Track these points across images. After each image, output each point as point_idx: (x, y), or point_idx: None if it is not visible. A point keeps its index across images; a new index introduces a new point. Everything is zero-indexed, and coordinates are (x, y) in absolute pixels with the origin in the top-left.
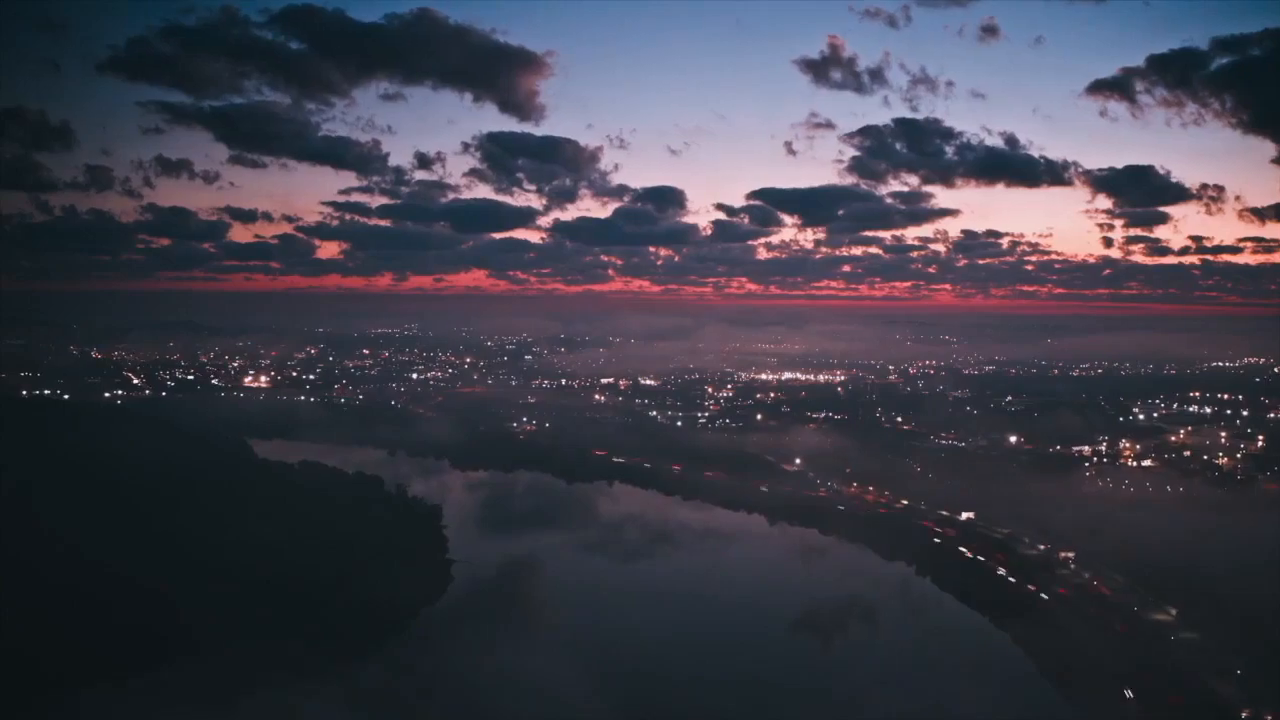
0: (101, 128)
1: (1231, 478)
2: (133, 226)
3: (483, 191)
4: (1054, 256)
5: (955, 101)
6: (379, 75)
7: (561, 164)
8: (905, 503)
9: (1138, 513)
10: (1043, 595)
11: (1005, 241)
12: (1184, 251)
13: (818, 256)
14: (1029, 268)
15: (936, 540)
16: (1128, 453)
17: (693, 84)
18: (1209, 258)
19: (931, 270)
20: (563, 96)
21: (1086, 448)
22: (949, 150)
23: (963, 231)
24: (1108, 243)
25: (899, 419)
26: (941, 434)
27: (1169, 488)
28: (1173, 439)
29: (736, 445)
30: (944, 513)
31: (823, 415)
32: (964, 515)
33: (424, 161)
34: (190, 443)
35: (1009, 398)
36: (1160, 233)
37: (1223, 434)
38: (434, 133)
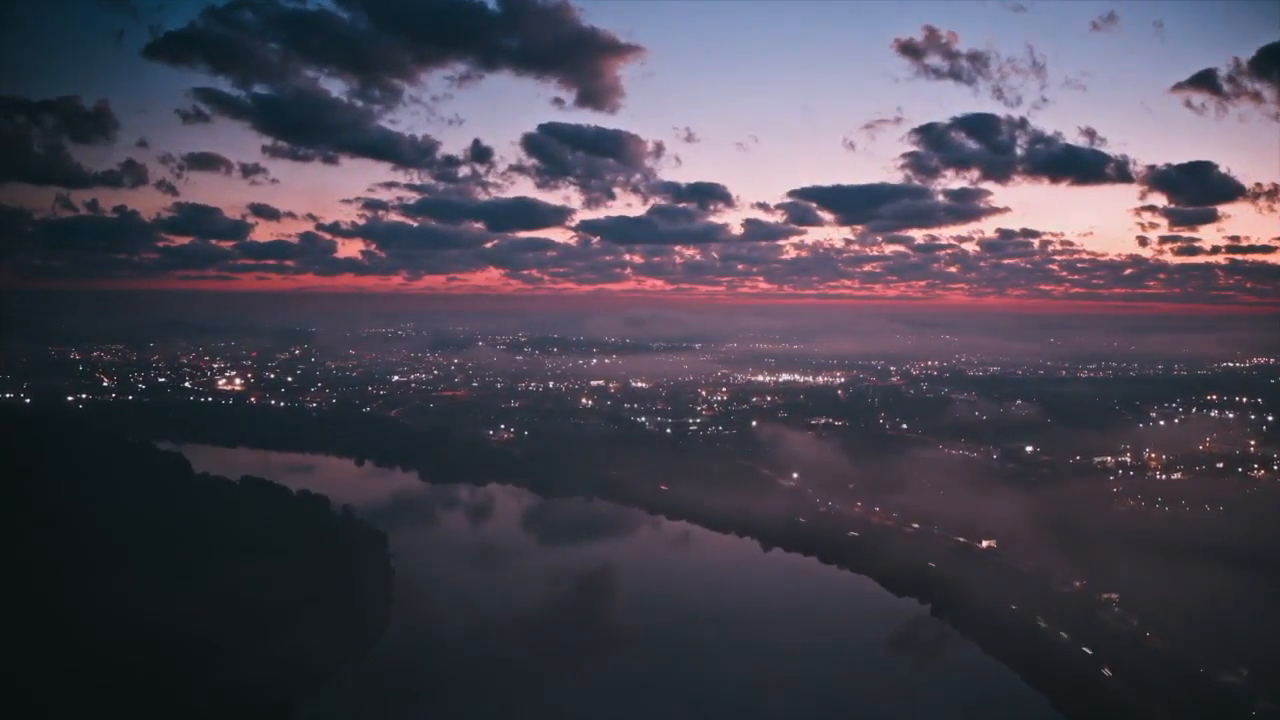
0: (141, 113)
1: (1272, 493)
2: (154, 225)
3: (524, 186)
4: (1080, 256)
5: (1051, 90)
6: (456, 57)
7: (619, 159)
8: (916, 526)
9: (1180, 539)
10: (1086, 649)
11: (1037, 241)
12: (1215, 251)
13: (846, 255)
14: (1052, 267)
15: (954, 573)
16: (1154, 464)
17: (782, 75)
18: (1238, 257)
19: (953, 270)
20: (646, 86)
21: (1109, 458)
22: (1018, 147)
23: (998, 230)
24: (1143, 241)
25: (904, 425)
26: (951, 442)
27: (1207, 506)
28: (1200, 448)
29: (729, 456)
30: (961, 539)
31: (823, 421)
32: (985, 543)
33: (480, 154)
34: (116, 455)
35: (1018, 401)
36: (1203, 231)
37: (1251, 442)
38: (502, 122)
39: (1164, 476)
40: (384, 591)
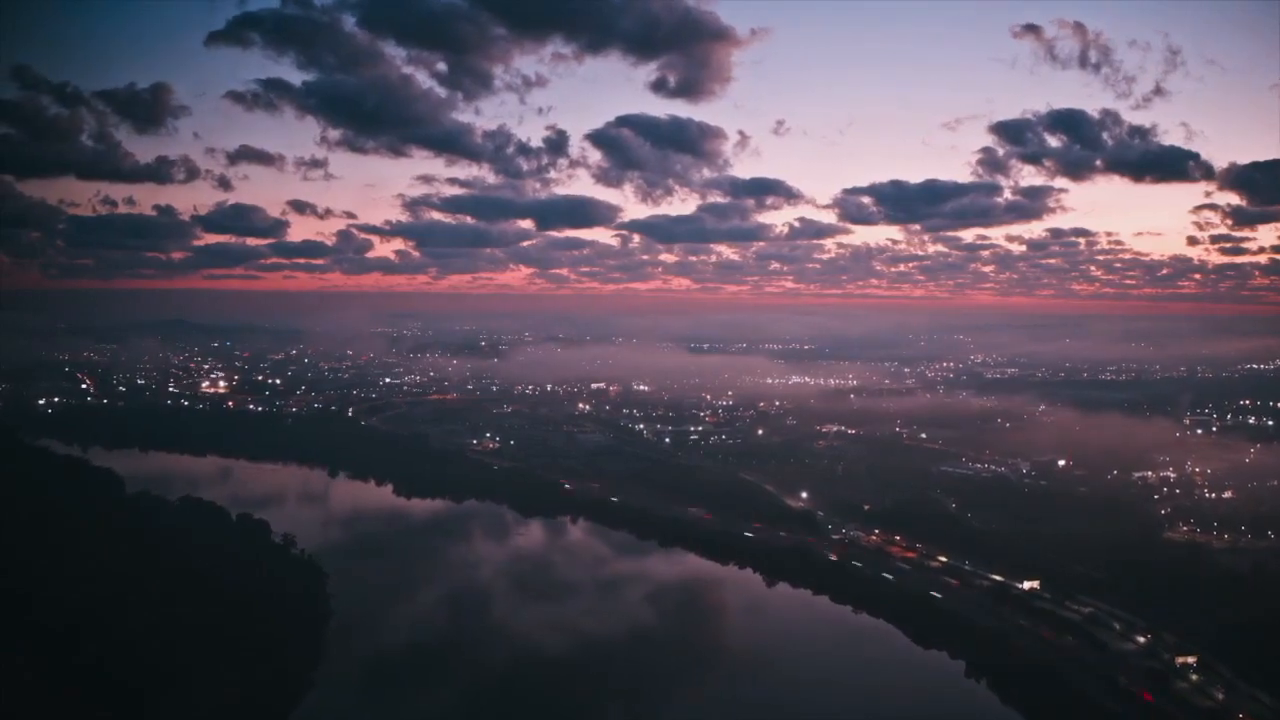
0: (201, 96)
1: None
2: (192, 222)
3: (584, 183)
4: (1121, 256)
5: (1173, 81)
6: (563, 36)
7: (695, 154)
8: (944, 559)
9: (1251, 576)
10: None
11: (1084, 241)
12: (1260, 251)
13: (886, 255)
14: (1089, 266)
15: (990, 622)
16: (1200, 480)
17: (889, 65)
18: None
19: (989, 270)
20: (753, 73)
21: (1149, 473)
22: (1107, 141)
23: (1048, 230)
24: (1193, 241)
25: (922, 434)
26: (975, 454)
27: (1270, 533)
28: (1245, 460)
29: (731, 471)
30: (997, 577)
31: (834, 429)
32: (1026, 583)
33: (555, 144)
34: (36, 473)
35: (1042, 406)
36: (1261, 231)
37: None
38: (587, 111)
39: (1214, 495)
40: (313, 641)
